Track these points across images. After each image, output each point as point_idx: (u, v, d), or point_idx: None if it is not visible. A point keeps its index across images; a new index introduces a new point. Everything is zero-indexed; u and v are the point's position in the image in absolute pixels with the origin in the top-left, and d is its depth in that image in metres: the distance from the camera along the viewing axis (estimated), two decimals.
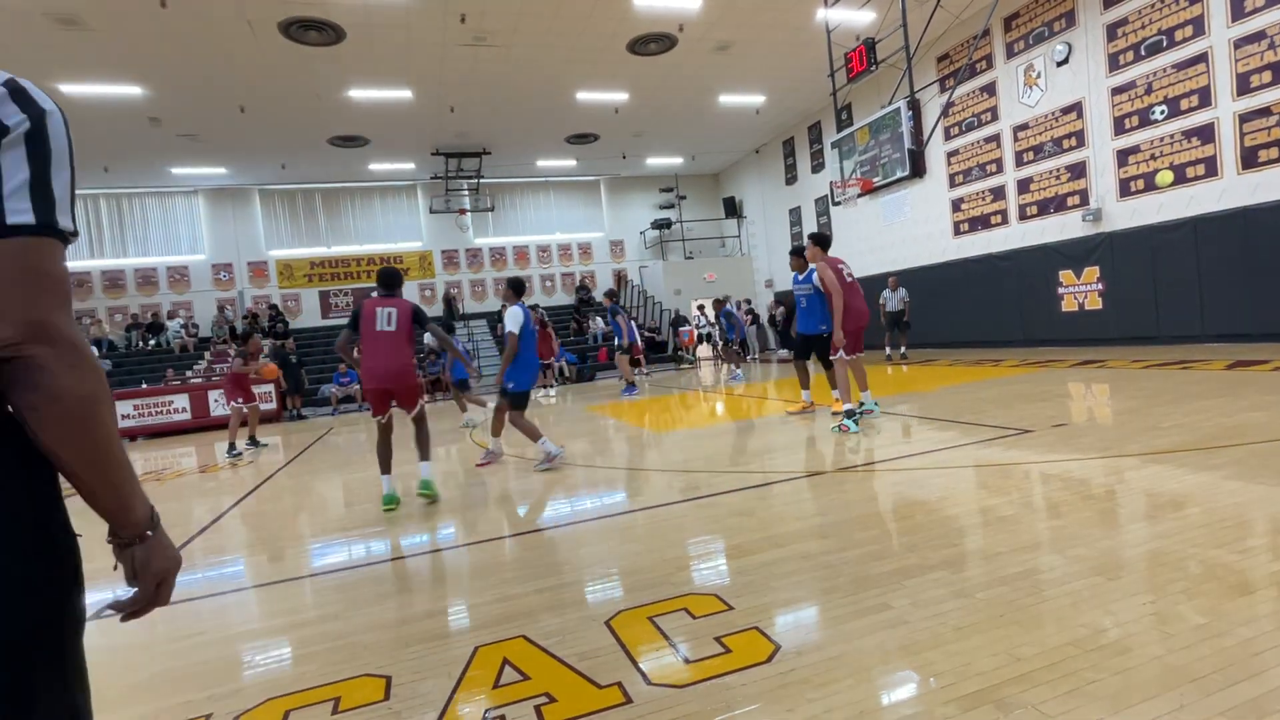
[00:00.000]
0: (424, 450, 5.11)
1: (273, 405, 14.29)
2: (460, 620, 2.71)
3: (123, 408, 13.44)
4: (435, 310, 20.59)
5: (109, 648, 2.85)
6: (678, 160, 21.06)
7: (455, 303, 20.60)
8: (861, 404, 6.44)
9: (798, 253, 6.84)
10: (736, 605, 2.50)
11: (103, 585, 3.78)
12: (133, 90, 12.16)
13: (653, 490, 4.64)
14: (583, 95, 14.70)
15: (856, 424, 5.94)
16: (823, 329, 6.71)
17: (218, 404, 14.06)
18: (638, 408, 9.96)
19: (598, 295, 22.13)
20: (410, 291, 20.41)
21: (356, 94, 13.38)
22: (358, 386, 15.25)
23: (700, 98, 15.66)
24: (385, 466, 5.00)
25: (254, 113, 13.74)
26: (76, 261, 17.87)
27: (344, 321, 19.35)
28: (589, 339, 19.54)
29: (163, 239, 18.59)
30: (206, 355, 16.88)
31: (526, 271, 21.79)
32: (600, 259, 22.60)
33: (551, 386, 15.67)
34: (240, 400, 9.15)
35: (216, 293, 18.97)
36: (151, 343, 17.48)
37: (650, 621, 2.44)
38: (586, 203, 22.48)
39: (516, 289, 5.94)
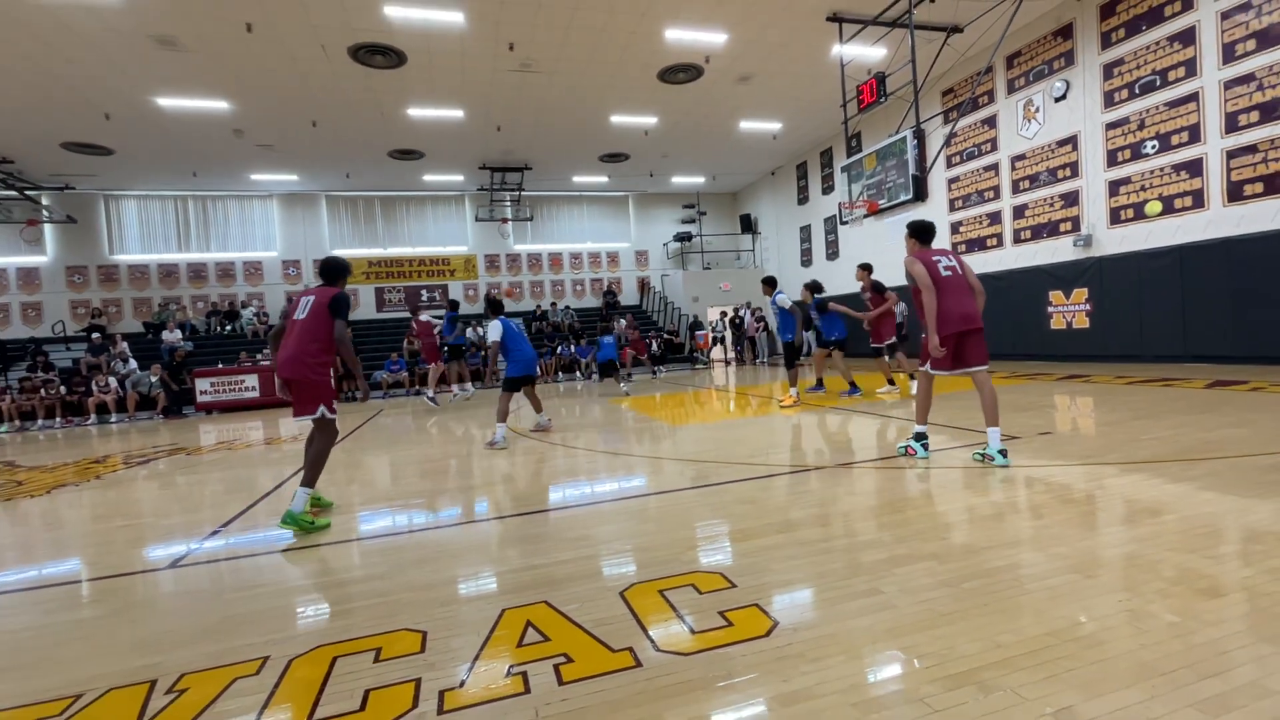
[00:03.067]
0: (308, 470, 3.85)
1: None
2: (489, 585, 2.73)
3: (200, 384, 13.77)
4: (477, 308, 20.78)
5: (184, 593, 2.92)
6: (700, 179, 20.98)
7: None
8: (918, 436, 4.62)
9: (767, 282, 8.32)
10: (739, 584, 2.49)
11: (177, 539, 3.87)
12: (220, 105, 12.45)
13: (666, 477, 4.63)
14: (616, 118, 14.72)
15: (926, 450, 4.50)
16: (788, 337, 8.19)
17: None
18: (654, 402, 9.96)
19: (623, 300, 22.16)
20: (457, 290, 20.67)
21: (415, 112, 13.53)
22: (404, 373, 15.47)
23: (722, 123, 15.58)
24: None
25: (324, 127, 13.99)
26: (167, 255, 18.36)
27: (396, 315, 19.73)
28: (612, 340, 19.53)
29: (240, 237, 18.98)
30: None
31: (559, 276, 21.87)
32: (626, 267, 22.62)
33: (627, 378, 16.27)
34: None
35: (285, 285, 19.31)
36: (228, 328, 17.86)
37: (661, 594, 2.44)
38: (616, 215, 22.50)
39: (494, 307, 6.98)
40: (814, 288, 8.95)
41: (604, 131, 15.54)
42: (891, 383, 8.52)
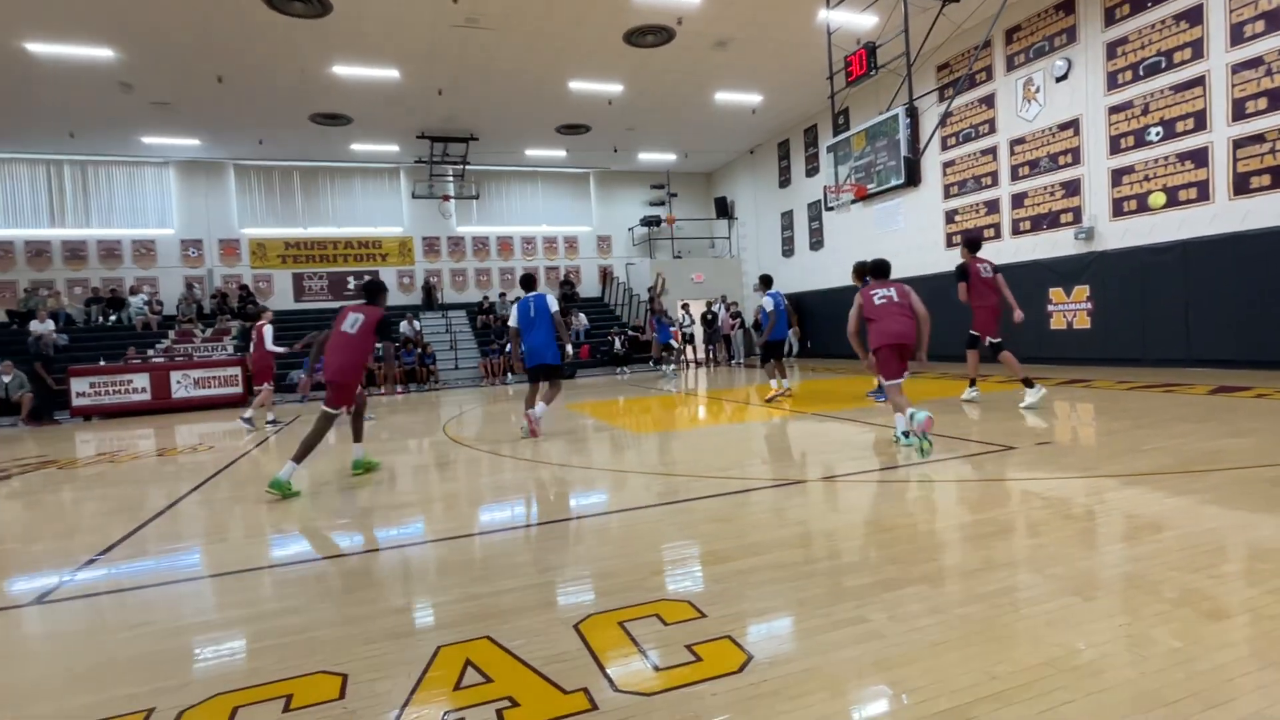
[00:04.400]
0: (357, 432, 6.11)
1: (238, 390, 14.09)
2: (424, 618, 2.69)
3: (78, 385, 13.16)
4: (414, 298, 20.43)
5: (53, 634, 2.78)
6: (670, 157, 21.08)
7: (435, 291, 20.46)
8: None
9: (764, 281, 9.74)
10: (709, 613, 2.50)
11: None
12: (103, 52, 11.90)
13: (628, 492, 4.64)
14: (576, 85, 14.66)
15: (907, 439, 5.44)
16: (778, 334, 9.49)
17: (180, 385, 13.83)
18: (616, 408, 9.95)
19: (583, 291, 22.12)
20: (390, 278, 20.32)
21: (341, 70, 13.21)
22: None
23: (696, 94, 15.69)
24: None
25: (232, 83, 13.51)
26: (36, 230, 17.48)
27: (319, 306, 19.25)
28: (571, 336, 19.48)
29: (129, 211, 18.22)
30: (171, 334, 16.55)
31: (509, 263, 21.67)
32: (586, 254, 22.57)
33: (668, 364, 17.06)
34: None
35: (184, 270, 18.64)
36: (112, 318, 17.12)
37: (620, 626, 2.43)
38: (575, 195, 22.43)
39: (527, 284, 7.42)
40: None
41: (562, 99, 15.46)
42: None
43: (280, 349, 10.00)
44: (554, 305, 7.08)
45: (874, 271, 6.08)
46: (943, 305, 13.83)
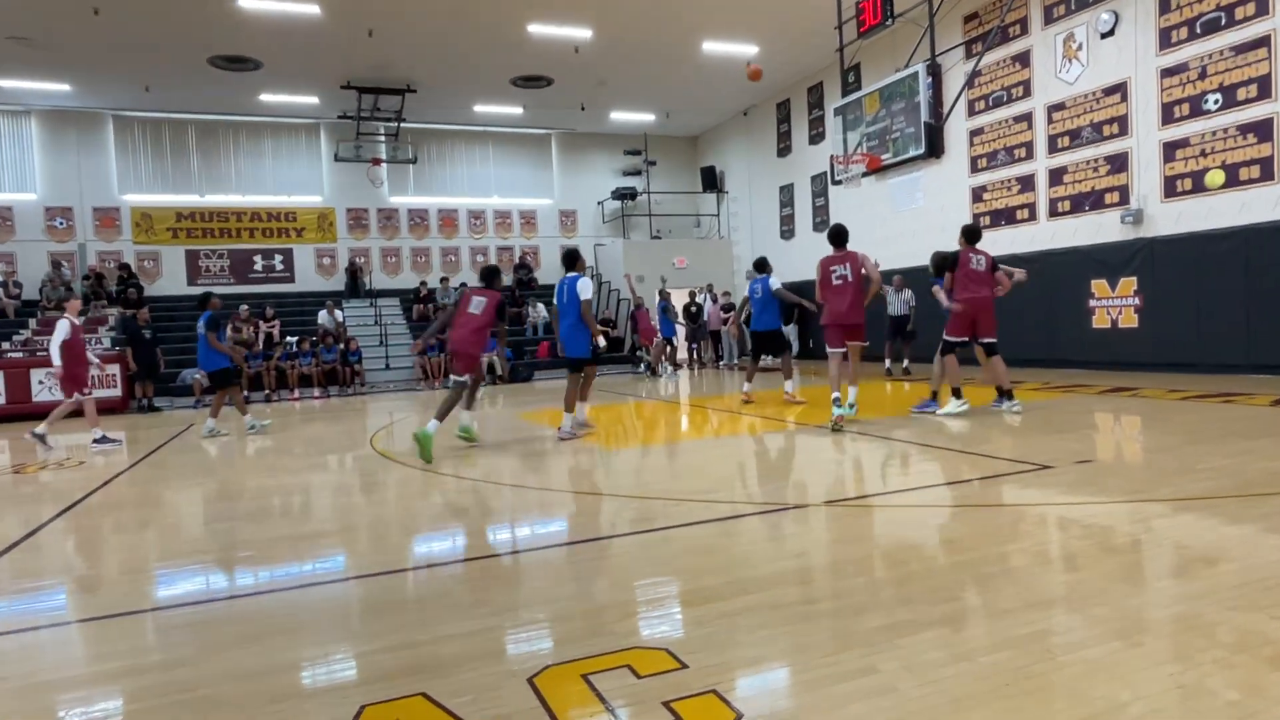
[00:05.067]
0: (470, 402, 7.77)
1: (116, 392, 13.77)
2: (345, 671, 2.65)
3: None
4: (335, 283, 20.17)
5: None
6: (649, 117, 21.13)
7: (361, 274, 20.22)
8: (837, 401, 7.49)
9: (759, 266, 10.24)
10: (691, 663, 2.50)
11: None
12: None
13: (596, 519, 4.63)
14: (536, 28, 14.62)
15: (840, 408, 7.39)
16: (774, 324, 10.17)
17: (44, 386, 13.46)
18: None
19: (541, 277, 22.05)
20: (307, 257, 20.12)
21: (248, 4, 13.02)
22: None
23: (681, 42, 15.75)
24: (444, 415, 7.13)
25: (111, 15, 13.20)
26: None
27: (219, 290, 18.82)
28: (527, 331, 19.41)
29: None
30: (32, 323, 16.14)
31: (453, 242, 21.54)
32: (546, 231, 22.52)
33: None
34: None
35: (50, 244, 18.22)
36: None
37: (584, 680, 2.42)
38: (534, 162, 22.37)
39: (570, 260, 8.02)
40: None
41: (519, 44, 15.41)
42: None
43: (59, 360, 8.97)
44: (586, 292, 7.69)
45: (832, 239, 7.70)
46: None
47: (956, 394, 7.86)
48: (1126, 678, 2.27)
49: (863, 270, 7.54)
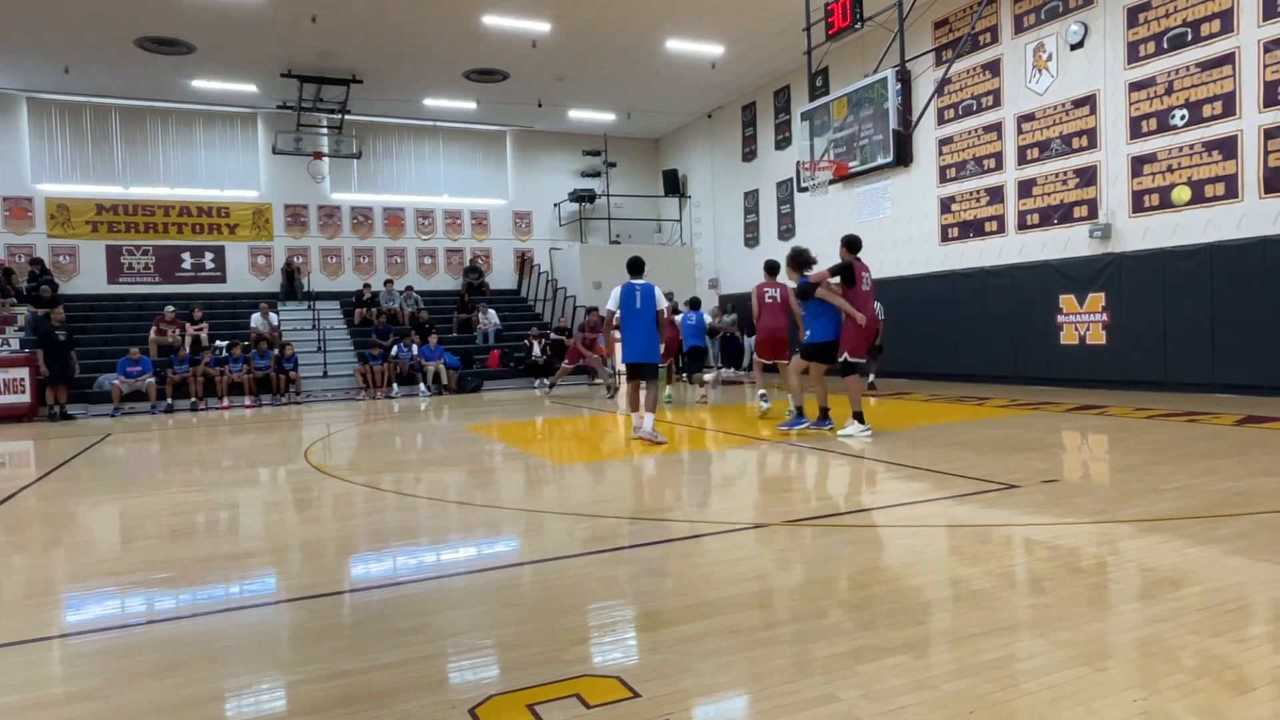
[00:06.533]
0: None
1: (25, 398, 13.30)
2: (272, 704, 2.61)
3: None
4: (270, 284, 19.79)
5: None
6: (609, 117, 21.21)
7: (298, 276, 19.88)
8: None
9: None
10: (644, 692, 2.49)
11: None
12: None
13: (546, 538, 4.61)
14: (491, 20, 14.61)
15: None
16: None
17: None
18: (534, 430, 9.87)
19: (493, 281, 21.91)
20: (240, 256, 19.76)
21: None
22: (150, 380, 14.44)
23: (643, 40, 15.88)
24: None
25: None
26: None
27: (141, 290, 18.45)
28: (477, 338, 19.25)
29: None
30: None
31: (398, 243, 21.33)
32: (499, 234, 22.43)
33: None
34: None
35: None
36: None
37: (530, 710, 2.40)
38: (486, 160, 22.29)
39: (635, 268, 8.52)
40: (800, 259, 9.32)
41: (473, 36, 15.38)
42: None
43: None
44: (663, 301, 8.30)
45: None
46: (930, 313, 14.39)
47: (859, 418, 7.82)
48: (1090, 704, 2.33)
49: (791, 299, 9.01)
